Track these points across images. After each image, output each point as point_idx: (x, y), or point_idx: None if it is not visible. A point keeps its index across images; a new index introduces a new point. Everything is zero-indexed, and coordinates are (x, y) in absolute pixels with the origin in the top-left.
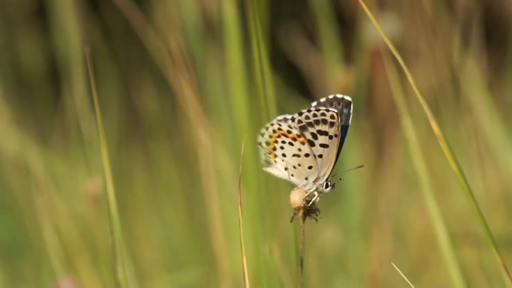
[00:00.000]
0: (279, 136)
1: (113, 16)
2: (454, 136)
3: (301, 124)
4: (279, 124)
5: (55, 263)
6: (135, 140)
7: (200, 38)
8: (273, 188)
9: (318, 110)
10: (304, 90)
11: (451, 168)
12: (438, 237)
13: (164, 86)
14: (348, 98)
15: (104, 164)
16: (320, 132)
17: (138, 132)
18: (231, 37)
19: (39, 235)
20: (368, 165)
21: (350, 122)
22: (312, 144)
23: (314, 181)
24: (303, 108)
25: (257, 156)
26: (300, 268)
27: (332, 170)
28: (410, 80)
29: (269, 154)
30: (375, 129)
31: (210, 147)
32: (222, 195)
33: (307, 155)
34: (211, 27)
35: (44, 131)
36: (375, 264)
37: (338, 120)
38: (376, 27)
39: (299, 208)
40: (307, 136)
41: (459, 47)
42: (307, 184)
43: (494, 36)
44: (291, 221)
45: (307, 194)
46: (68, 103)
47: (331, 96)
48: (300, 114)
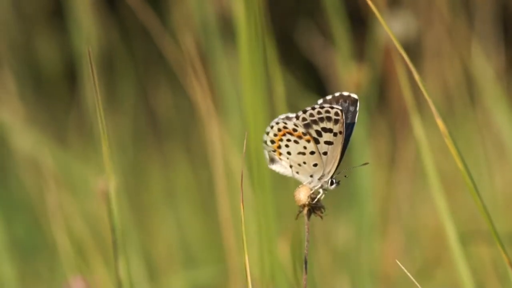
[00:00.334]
0: (284, 134)
1: (130, 16)
2: (469, 135)
3: (305, 122)
4: (285, 123)
5: (66, 262)
6: (151, 139)
7: (216, 37)
8: (282, 186)
9: (322, 108)
10: (321, 89)
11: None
12: (447, 234)
13: (180, 86)
14: (354, 96)
15: (106, 161)
16: (325, 130)
17: (154, 131)
18: (241, 35)
19: (52, 233)
20: (382, 162)
21: (356, 120)
22: (317, 142)
23: (319, 178)
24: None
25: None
26: (304, 265)
27: (337, 167)
28: (416, 76)
29: (273, 152)
30: (389, 126)
31: (222, 146)
32: (233, 194)
33: (312, 152)
34: (227, 27)
35: (60, 130)
36: (388, 262)
37: (342, 117)
38: (384, 26)
39: (304, 205)
40: (312, 133)
41: (475, 46)
42: (312, 181)
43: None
44: (296, 218)
45: (312, 191)
46: (84, 102)
47: (337, 94)
48: (304, 112)
